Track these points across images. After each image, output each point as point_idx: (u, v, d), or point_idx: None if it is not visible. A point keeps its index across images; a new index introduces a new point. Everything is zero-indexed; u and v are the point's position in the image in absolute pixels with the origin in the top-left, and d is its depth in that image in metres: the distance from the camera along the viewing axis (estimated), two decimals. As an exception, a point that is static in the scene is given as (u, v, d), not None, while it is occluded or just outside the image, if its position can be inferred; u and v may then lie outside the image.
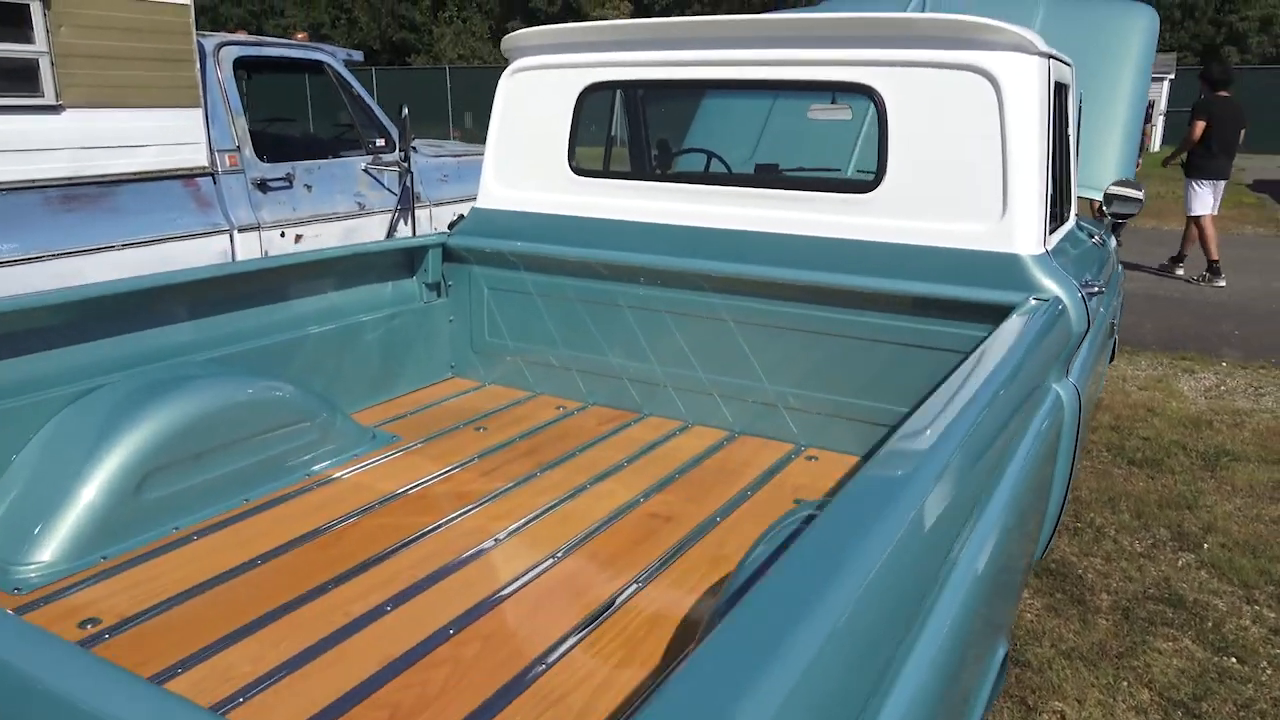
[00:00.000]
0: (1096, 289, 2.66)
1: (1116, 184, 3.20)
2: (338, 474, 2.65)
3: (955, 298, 2.60)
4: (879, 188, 2.74)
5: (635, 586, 2.07)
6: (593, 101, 3.25)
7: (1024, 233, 2.56)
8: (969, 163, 2.59)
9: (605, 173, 3.27)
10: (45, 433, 2.28)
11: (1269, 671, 2.87)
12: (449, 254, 3.48)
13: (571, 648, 1.85)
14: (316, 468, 2.67)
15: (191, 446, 2.35)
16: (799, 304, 2.85)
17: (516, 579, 2.08)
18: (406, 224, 5.46)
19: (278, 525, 2.33)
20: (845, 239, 2.79)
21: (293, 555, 2.18)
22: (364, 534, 2.28)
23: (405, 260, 3.43)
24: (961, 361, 2.61)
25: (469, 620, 1.93)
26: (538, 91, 3.29)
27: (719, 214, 3.00)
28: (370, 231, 5.24)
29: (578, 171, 3.26)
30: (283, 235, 4.70)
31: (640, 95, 3.84)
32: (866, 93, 2.72)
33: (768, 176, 3.58)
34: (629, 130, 3.96)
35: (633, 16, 32.36)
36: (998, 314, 2.56)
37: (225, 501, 2.43)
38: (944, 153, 2.62)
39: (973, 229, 2.61)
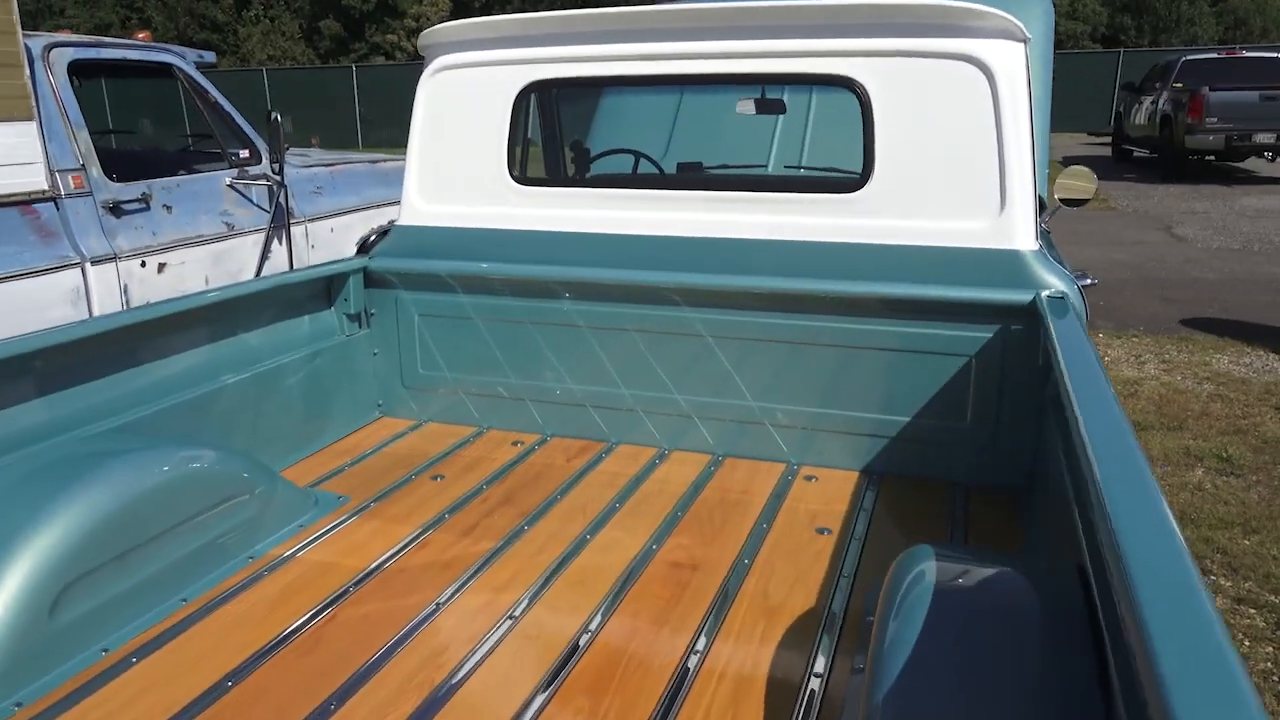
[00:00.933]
0: (1088, 281, 2.60)
1: (1068, 173, 3.20)
2: (287, 552, 2.23)
3: (956, 299, 2.47)
4: (866, 186, 2.58)
5: (697, 654, 1.81)
6: (533, 102, 2.93)
7: (1024, 228, 2.46)
8: (963, 157, 2.47)
9: (555, 180, 2.96)
10: None
11: (1246, 643, 2.93)
12: (370, 279, 3.07)
13: None
14: (259, 548, 2.24)
15: (113, 545, 1.89)
16: (785, 314, 2.65)
17: (561, 665, 1.77)
18: (281, 244, 4.90)
19: (232, 631, 1.90)
20: (831, 242, 2.62)
21: (264, 672, 1.77)
22: (346, 631, 1.90)
23: (322, 290, 3.00)
24: (972, 363, 2.50)
25: None
26: (467, 93, 2.93)
27: (688, 221, 2.76)
28: (242, 256, 4.66)
29: (521, 180, 2.94)
30: (143, 265, 4.08)
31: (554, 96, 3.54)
32: (848, 85, 2.54)
33: (743, 179, 3.36)
34: (546, 132, 3.65)
35: (452, 16, 31.47)
36: (1002, 314, 2.46)
37: (158, 606, 1.98)
38: (935, 147, 2.49)
39: (970, 226, 2.49)
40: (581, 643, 1.84)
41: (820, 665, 1.76)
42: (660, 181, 3.09)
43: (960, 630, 1.34)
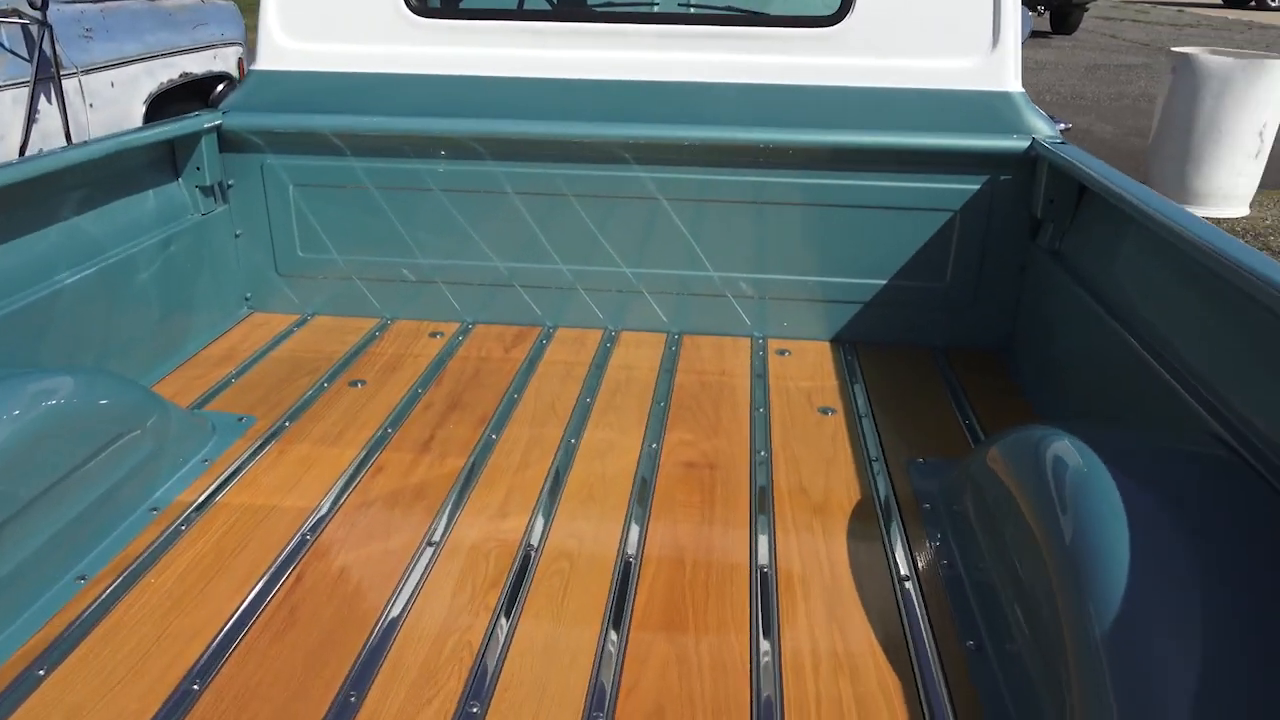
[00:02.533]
0: (1063, 126, 2.46)
1: None
2: (199, 498, 1.73)
3: (945, 148, 2.25)
4: (843, 20, 2.26)
5: (764, 564, 1.55)
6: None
7: (1014, 68, 2.25)
8: None
9: (464, 11, 2.41)
10: None
11: None
12: (226, 141, 2.44)
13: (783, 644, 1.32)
14: (161, 496, 1.73)
15: (11, 499, 1.36)
16: (750, 170, 2.34)
17: (619, 602, 1.46)
18: (51, 103, 3.92)
19: (170, 616, 1.44)
20: (803, 85, 2.30)
21: (237, 666, 1.33)
22: (324, 595, 1.48)
23: (164, 156, 2.34)
24: (955, 218, 2.31)
25: (611, 698, 1.30)
26: (340, -107, 2.29)
27: (637, 61, 2.34)
28: (2, 116, 3.68)
29: (419, 10, 2.37)
30: None
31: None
32: (827, -104, 2.18)
33: (699, 11, 2.90)
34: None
35: None
36: (993, 163, 2.27)
37: (49, 594, 1.47)
38: None
39: (958, 65, 2.25)
40: (630, 569, 1.54)
41: (902, 560, 1.57)
42: (600, 13, 2.58)
43: (1162, 521, 1.16)
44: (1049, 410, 2.07)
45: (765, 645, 1.37)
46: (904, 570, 1.55)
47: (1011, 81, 2.26)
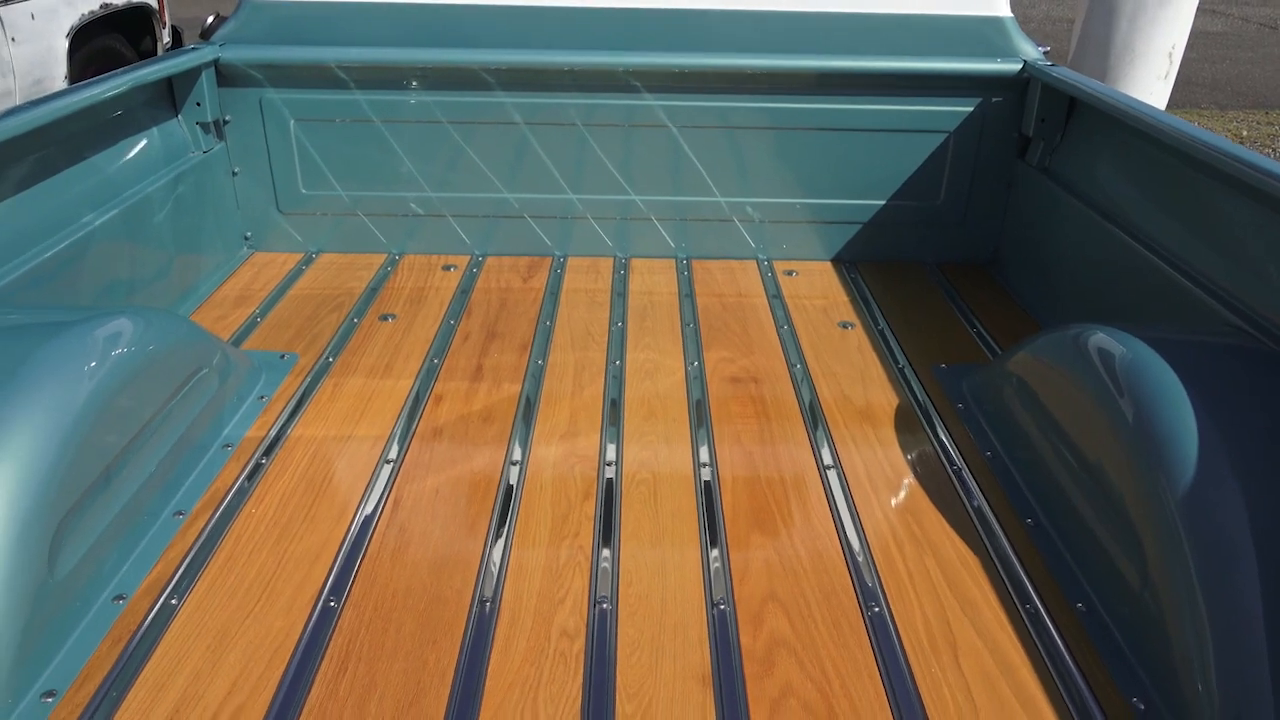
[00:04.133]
0: (1046, 49, 2.60)
1: None
2: (270, 433, 1.75)
3: (941, 71, 2.37)
4: (846, -54, 2.33)
5: (831, 468, 1.68)
6: None
7: (1005, -9, 2.37)
8: None
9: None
10: None
11: None
12: (222, 75, 2.36)
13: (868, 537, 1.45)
14: (229, 434, 1.75)
15: (95, 460, 1.36)
16: (755, 97, 2.41)
17: (709, 513, 1.57)
18: (-27, 36, 3.66)
19: (280, 544, 1.48)
20: (805, 11, 2.37)
21: (362, 590, 1.39)
22: (427, 516, 1.54)
23: (163, 93, 2.27)
24: (949, 139, 2.45)
25: (727, 589, 1.41)
26: None
27: (646, -11, 2.36)
28: (-76, 52, 3.43)
29: (423, -63, 2.33)
30: None
31: None
32: None
33: None
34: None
35: None
36: (986, 85, 2.40)
37: (153, 530, 1.49)
38: None
39: (953, -10, 2.36)
40: (711, 486, 1.64)
41: (951, 453, 1.72)
42: None
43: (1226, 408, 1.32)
44: (1049, 314, 2.24)
45: (853, 537, 1.50)
46: (956, 462, 1.70)
47: (1002, 6, 2.38)
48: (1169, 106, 6.68)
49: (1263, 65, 8.64)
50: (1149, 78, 6.23)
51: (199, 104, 2.31)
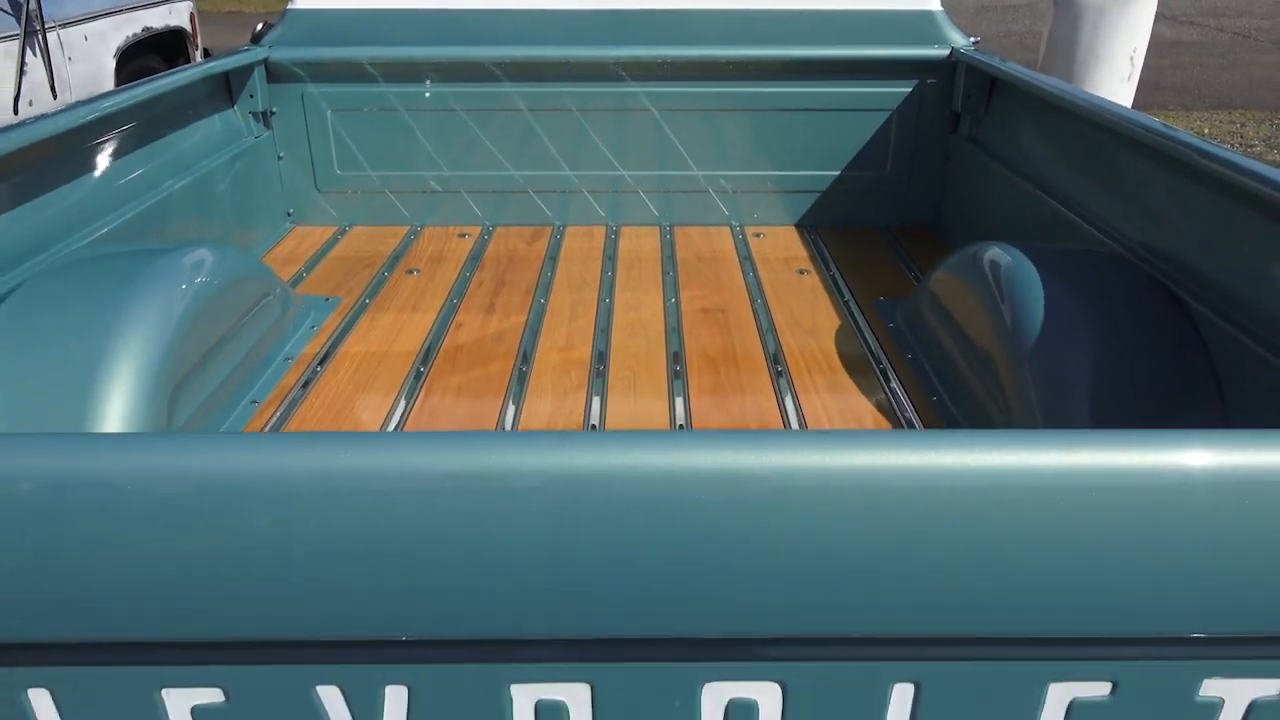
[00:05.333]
0: (975, 39, 3.00)
1: None
2: (322, 350, 2.15)
3: (882, 57, 2.77)
4: (798, -47, 2.75)
5: (777, 359, 2.06)
6: None
7: (934, -11, 2.78)
8: None
9: (478, -47, 2.80)
10: None
11: None
12: (271, 72, 2.78)
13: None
14: (290, 349, 2.14)
15: (198, 344, 1.76)
16: (726, 82, 2.82)
17: (674, 406, 1.96)
18: (36, 55, 4.11)
19: (335, 416, 1.87)
20: (767, 9, 2.79)
21: None
22: (452, 400, 1.93)
23: (221, 87, 2.68)
24: (893, 116, 2.84)
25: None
26: None
27: (629, -7, 2.78)
28: (-4, 68, 3.87)
29: (439, -47, 2.75)
30: (-113, 81, 3.30)
31: None
32: None
33: None
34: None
35: None
36: (921, 69, 2.80)
37: (235, 413, 1.88)
38: None
39: (891, -12, 2.77)
40: (680, 366, 2.03)
41: (878, 354, 2.10)
42: None
43: (1069, 290, 1.71)
44: None
45: (789, 404, 1.89)
46: (882, 362, 2.08)
47: (933, 2, 2.79)
48: (1134, 107, 7.10)
49: (1231, 71, 9.05)
50: (1112, 80, 6.65)
51: (251, 96, 2.72)
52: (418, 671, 0.83)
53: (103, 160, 2.12)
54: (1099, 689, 0.85)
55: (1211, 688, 0.85)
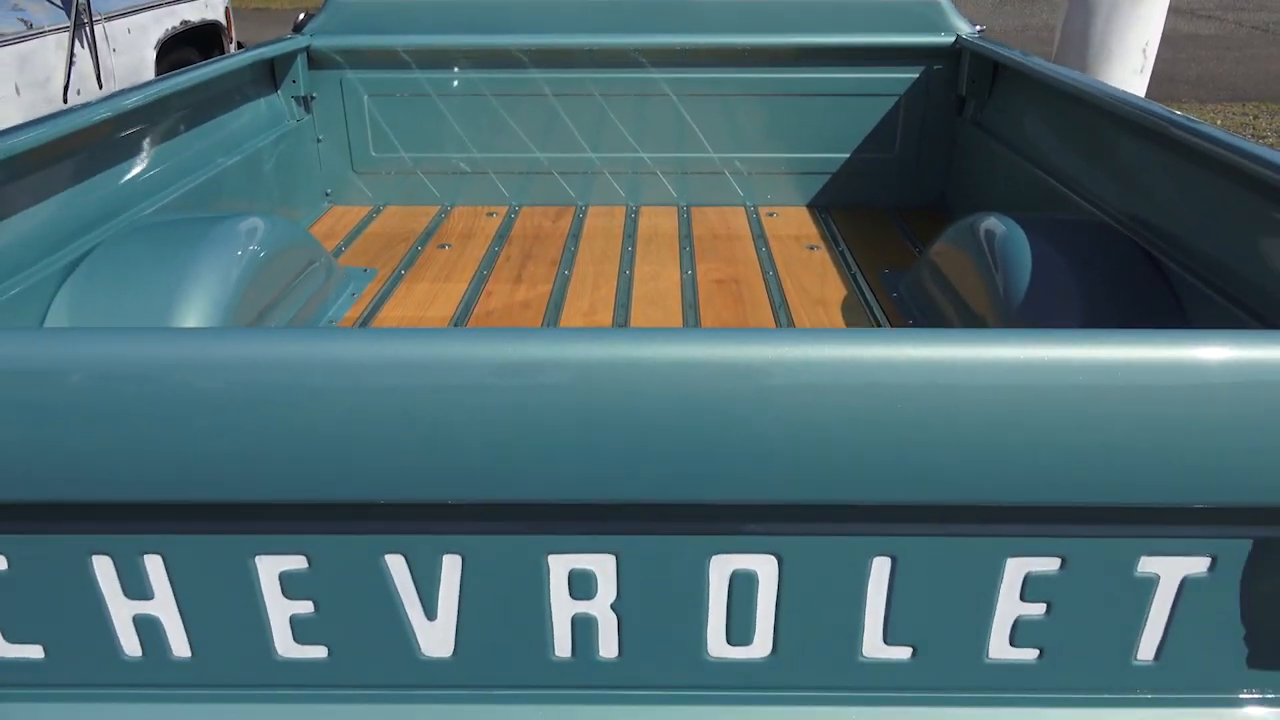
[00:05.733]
0: (980, 28, 3.13)
1: None
2: (363, 314, 2.31)
3: (891, 44, 2.90)
4: (810, -55, 2.89)
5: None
6: None
7: (941, -21, 2.91)
8: None
9: (507, -54, 2.95)
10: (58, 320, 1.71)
11: None
12: (312, 60, 2.95)
13: None
14: (333, 314, 2.31)
15: (254, 304, 1.92)
16: (742, 69, 2.96)
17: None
18: (83, 47, 4.30)
19: None
20: (776, 0, 2.93)
21: None
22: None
23: (266, 73, 2.85)
24: (900, 101, 2.98)
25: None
26: None
27: (649, -17, 2.93)
28: (47, 61, 4.06)
29: (470, -53, 2.91)
30: (-51, 70, 3.50)
31: None
32: None
33: None
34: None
35: None
36: (927, 55, 2.93)
37: None
38: None
39: (899, -21, 2.90)
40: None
41: (882, 319, 2.24)
42: None
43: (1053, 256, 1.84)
44: None
45: None
46: (883, 327, 2.22)
47: (939, -9, 2.93)
48: (1149, 99, 7.18)
49: (1248, 64, 9.09)
50: (1125, 72, 6.72)
51: (294, 81, 2.89)
52: (470, 542, 0.99)
53: (163, 137, 2.29)
54: (1049, 564, 0.99)
55: (1148, 565, 0.99)
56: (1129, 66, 6.73)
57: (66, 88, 4.18)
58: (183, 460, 0.89)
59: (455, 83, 2.98)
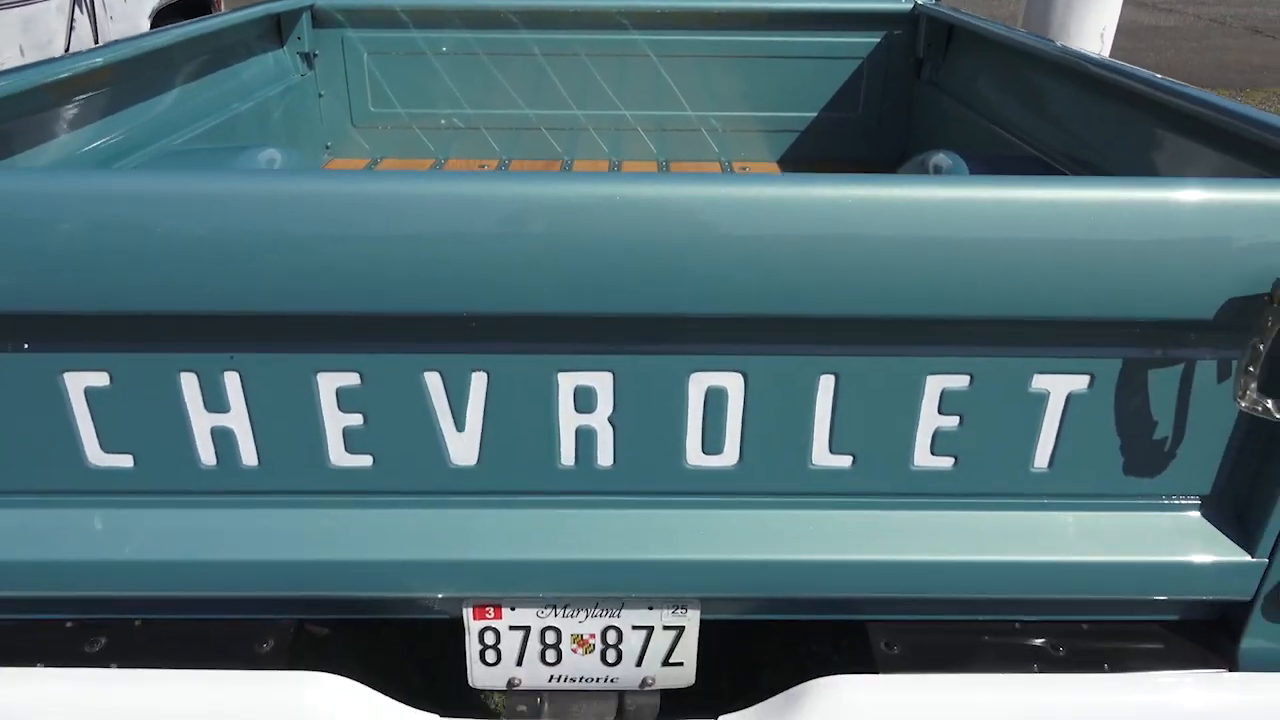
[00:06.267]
0: None
1: None
2: None
3: (854, 10, 3.14)
4: (780, -83, 3.12)
5: None
6: None
7: (900, -50, 3.15)
8: None
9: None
10: None
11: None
12: (316, 18, 3.14)
13: None
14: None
15: None
16: (717, 31, 3.19)
17: None
18: (82, 11, 4.46)
19: None
20: None
21: None
22: None
23: (274, 28, 3.04)
24: (863, 64, 3.22)
25: None
26: None
27: (631, -50, 3.14)
28: (49, 25, 4.22)
29: (464, -85, 3.12)
30: (-41, 29, 3.65)
31: None
32: None
33: None
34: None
35: None
36: (888, 21, 3.18)
37: None
38: None
39: (861, -50, 3.14)
40: None
41: None
42: None
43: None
44: None
45: None
46: None
47: (899, -39, 3.17)
48: (1105, 83, 7.51)
49: (1203, 54, 9.45)
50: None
51: (299, 38, 3.09)
52: (494, 360, 1.21)
53: (183, 78, 2.48)
54: (961, 381, 1.23)
55: (1039, 382, 1.23)
56: (1087, 50, 7.05)
57: (66, 51, 4.33)
58: (256, 273, 1.10)
59: (448, 43, 3.18)
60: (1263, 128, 1.47)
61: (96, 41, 4.55)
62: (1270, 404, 1.15)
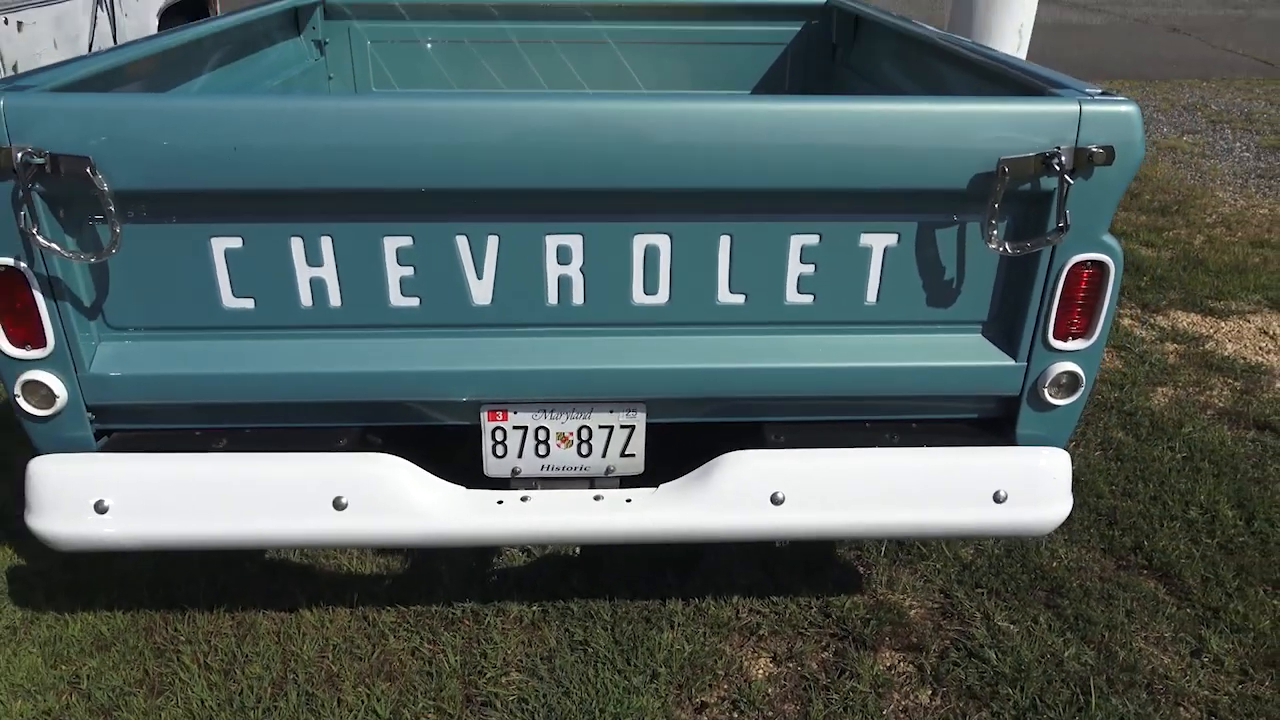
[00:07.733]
0: None
1: None
2: None
3: (777, 2, 3.78)
4: (716, -74, 3.75)
5: None
6: None
7: (814, -48, 3.79)
8: None
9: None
10: None
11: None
12: (327, 11, 3.72)
13: None
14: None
15: None
16: (667, 22, 3.80)
17: None
18: (103, 9, 4.97)
19: None
20: None
21: None
22: None
23: (291, 19, 3.61)
24: (788, 49, 3.85)
25: None
26: None
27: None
28: (77, 21, 4.73)
29: (452, -76, 3.70)
30: (5, 22, 4.17)
31: None
32: None
33: None
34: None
35: None
36: (806, 13, 3.81)
37: None
38: None
39: (782, -48, 3.78)
40: None
41: None
42: None
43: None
44: None
45: None
46: None
47: (814, -40, 3.81)
48: (1026, 75, 8.24)
49: (1124, 50, 10.25)
50: (1003, 50, 7.76)
51: (313, 28, 3.65)
52: (504, 227, 1.80)
53: (220, 60, 3.04)
54: (813, 239, 1.85)
55: (865, 239, 1.85)
56: (1007, 45, 7.73)
57: (90, 45, 4.85)
58: (342, 163, 1.69)
59: (439, 33, 3.77)
60: (1009, 66, 2.11)
61: (114, 36, 5.06)
62: (1007, 246, 1.78)
